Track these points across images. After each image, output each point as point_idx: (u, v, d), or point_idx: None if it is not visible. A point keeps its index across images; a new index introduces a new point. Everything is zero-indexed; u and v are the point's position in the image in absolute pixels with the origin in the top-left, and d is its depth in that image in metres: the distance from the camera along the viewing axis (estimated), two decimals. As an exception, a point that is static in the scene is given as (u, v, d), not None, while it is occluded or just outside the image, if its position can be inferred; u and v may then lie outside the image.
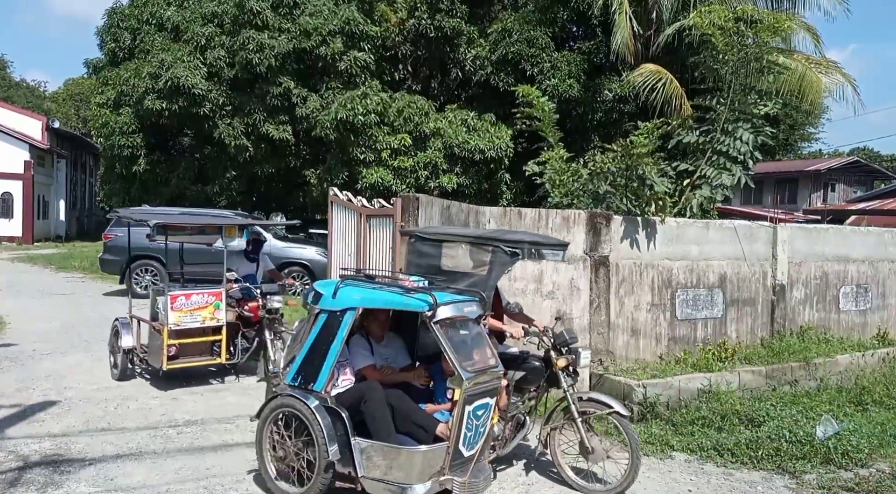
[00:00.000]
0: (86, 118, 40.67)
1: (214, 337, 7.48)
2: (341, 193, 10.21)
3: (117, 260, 14.24)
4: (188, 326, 7.16)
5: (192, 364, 7.42)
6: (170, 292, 7.10)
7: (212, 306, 7.24)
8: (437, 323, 4.26)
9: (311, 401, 4.38)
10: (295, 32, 17.18)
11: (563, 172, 9.64)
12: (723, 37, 9.39)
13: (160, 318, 7.30)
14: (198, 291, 7.26)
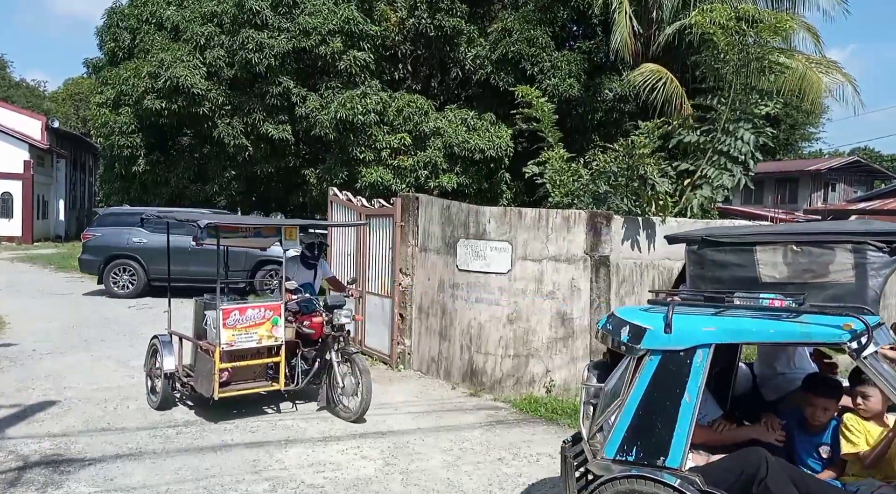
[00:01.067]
0: (85, 118, 40.66)
1: (271, 359, 6.46)
2: (341, 192, 10.21)
3: (96, 260, 14.24)
4: (243, 346, 6.14)
5: (246, 391, 6.43)
6: (222, 306, 6.05)
7: (269, 323, 6.19)
8: (868, 357, 2.97)
9: (672, 481, 3.09)
10: (294, 32, 17.17)
11: (564, 172, 9.63)
12: (724, 36, 9.38)
13: (209, 336, 6.32)
14: (253, 304, 6.32)
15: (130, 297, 13.88)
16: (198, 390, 6.36)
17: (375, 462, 5.41)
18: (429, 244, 8.31)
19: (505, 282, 7.48)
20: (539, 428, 6.39)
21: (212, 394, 6.08)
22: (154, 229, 14.24)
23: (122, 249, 14.08)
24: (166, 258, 14.04)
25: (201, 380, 6.32)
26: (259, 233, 6.60)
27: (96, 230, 14.77)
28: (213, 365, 6.01)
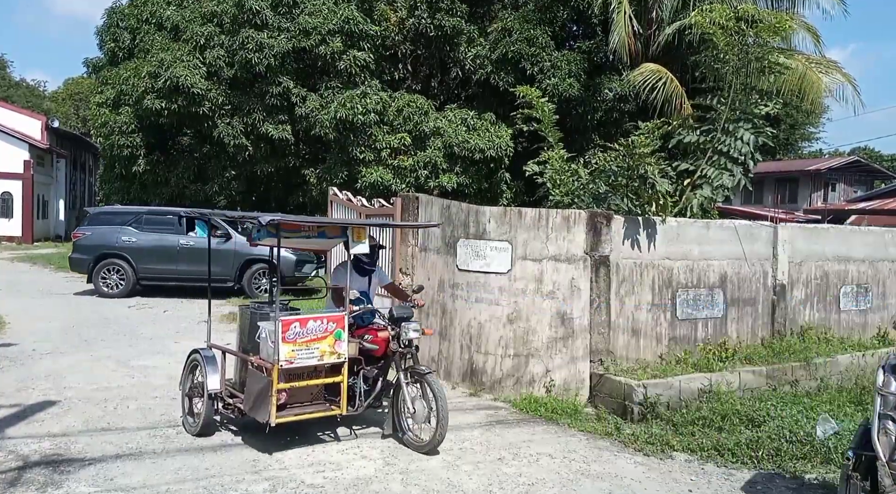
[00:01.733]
0: (85, 118, 40.68)
1: (332, 378, 5.67)
2: (341, 192, 10.22)
3: (85, 259, 14.23)
4: (303, 363, 5.37)
5: (304, 417, 5.60)
6: (281, 318, 5.27)
7: (332, 337, 5.44)
8: None
9: None
10: (294, 32, 17.18)
11: (564, 171, 9.62)
12: (724, 36, 9.38)
13: (263, 351, 5.53)
14: (315, 315, 5.51)
15: (119, 296, 13.86)
16: (249, 413, 5.55)
17: (375, 461, 5.41)
18: (429, 244, 8.31)
19: (505, 282, 7.48)
20: (539, 428, 6.39)
21: (268, 419, 5.28)
22: (144, 228, 14.25)
23: (112, 248, 14.07)
24: (156, 258, 14.20)
25: (254, 402, 5.47)
26: (323, 233, 5.81)
27: (86, 230, 14.78)
28: (270, 386, 5.23)
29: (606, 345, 7.74)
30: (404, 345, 5.72)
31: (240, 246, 13.88)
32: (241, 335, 6.09)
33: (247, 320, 5.96)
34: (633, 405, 6.83)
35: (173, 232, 14.19)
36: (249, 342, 5.84)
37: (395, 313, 5.83)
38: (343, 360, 5.54)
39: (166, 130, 19.47)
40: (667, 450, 5.97)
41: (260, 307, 6.01)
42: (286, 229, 5.52)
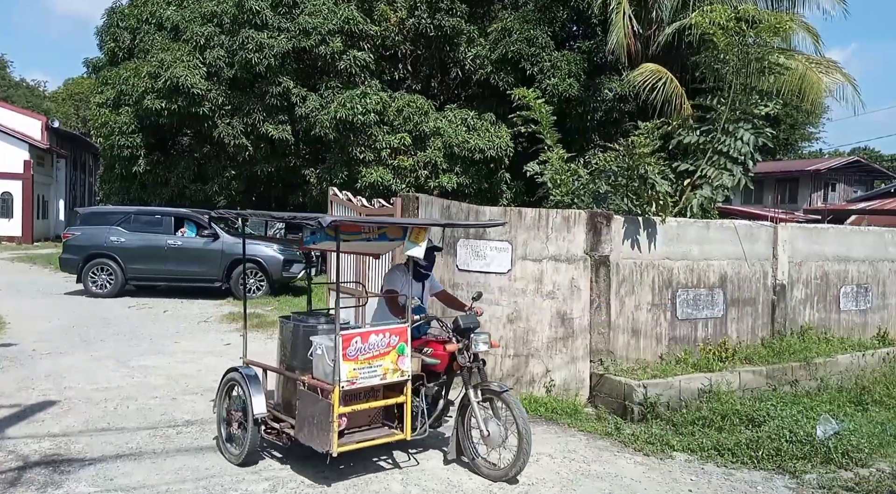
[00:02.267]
0: (85, 118, 40.68)
1: (394, 399, 5.03)
2: (341, 192, 10.20)
3: (75, 259, 14.25)
4: (365, 383, 4.76)
5: (368, 443, 5.00)
6: (342, 332, 4.64)
7: (395, 352, 4.85)
8: None
9: None
10: (294, 32, 17.19)
11: (564, 171, 9.63)
12: (724, 36, 9.38)
13: (318, 370, 4.91)
14: (376, 328, 4.88)
15: (108, 296, 13.87)
16: (303, 440, 4.89)
17: (375, 462, 5.41)
18: (429, 244, 8.30)
19: (505, 282, 7.48)
20: (539, 428, 6.39)
21: (328, 449, 4.63)
22: (133, 228, 14.25)
23: (101, 248, 14.08)
24: (144, 258, 14.20)
25: (309, 428, 4.82)
26: (384, 235, 5.15)
27: (76, 230, 14.81)
28: (330, 410, 4.60)
29: (606, 345, 7.74)
30: (472, 359, 5.18)
31: (227, 246, 13.89)
32: (283, 350, 5.41)
33: (292, 333, 5.29)
34: (633, 405, 6.84)
35: (161, 232, 14.23)
36: (295, 359, 5.20)
37: (462, 322, 5.25)
38: (406, 378, 4.94)
39: (166, 131, 19.47)
40: (667, 450, 5.97)
41: (304, 319, 5.37)
42: (345, 231, 4.93)
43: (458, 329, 5.24)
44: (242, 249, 6.60)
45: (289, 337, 5.34)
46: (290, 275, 14.38)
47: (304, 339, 5.14)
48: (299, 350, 5.16)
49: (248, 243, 13.89)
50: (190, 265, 13.96)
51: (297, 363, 5.18)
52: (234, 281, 13.91)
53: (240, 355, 5.81)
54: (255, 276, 14.04)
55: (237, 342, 9.84)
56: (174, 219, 14.53)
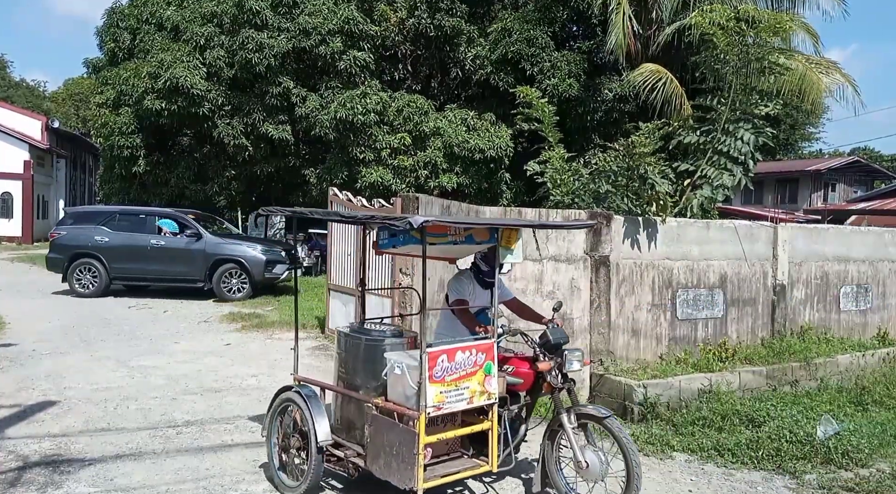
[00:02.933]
0: (85, 118, 40.71)
1: (479, 425, 4.41)
2: (341, 192, 10.21)
3: (61, 258, 14.23)
4: (452, 408, 4.17)
5: (454, 477, 4.40)
6: (428, 349, 4.02)
7: (481, 372, 4.27)
8: None
9: None
10: (294, 32, 17.19)
11: (564, 171, 9.63)
12: (724, 36, 9.39)
13: (395, 393, 4.28)
14: (462, 344, 4.23)
15: (93, 296, 13.85)
16: (378, 474, 4.27)
17: (375, 462, 5.40)
18: (429, 244, 8.30)
19: (505, 282, 7.48)
20: (539, 429, 6.38)
21: (413, 486, 4.03)
22: (117, 227, 14.22)
23: (85, 248, 14.04)
24: (127, 257, 14.14)
25: (387, 461, 4.22)
26: (470, 237, 4.51)
27: (62, 229, 14.80)
28: (416, 440, 3.98)
29: (606, 345, 7.74)
30: (564, 380, 4.61)
31: (209, 246, 13.80)
32: (343, 366, 4.72)
33: (354, 348, 4.64)
34: (633, 406, 6.83)
35: (145, 231, 14.19)
36: (358, 377, 4.56)
37: (553, 337, 4.60)
38: (493, 401, 4.35)
39: (166, 131, 19.48)
40: (667, 450, 5.97)
41: (366, 331, 4.74)
42: (431, 232, 4.29)
43: (546, 345, 4.61)
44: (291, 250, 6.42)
45: (350, 352, 4.66)
46: (272, 276, 14.17)
47: (369, 354, 4.52)
48: (364, 367, 4.54)
49: (231, 243, 14.06)
50: (172, 265, 13.88)
51: (360, 382, 4.55)
52: (216, 281, 13.76)
53: (239, 355, 5.80)
54: (237, 277, 13.88)
55: (237, 343, 9.85)
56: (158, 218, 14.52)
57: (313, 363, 8.76)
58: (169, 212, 14.89)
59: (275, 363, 8.67)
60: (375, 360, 4.46)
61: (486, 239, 4.57)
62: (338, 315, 10.15)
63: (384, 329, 4.81)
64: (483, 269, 4.98)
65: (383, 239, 4.69)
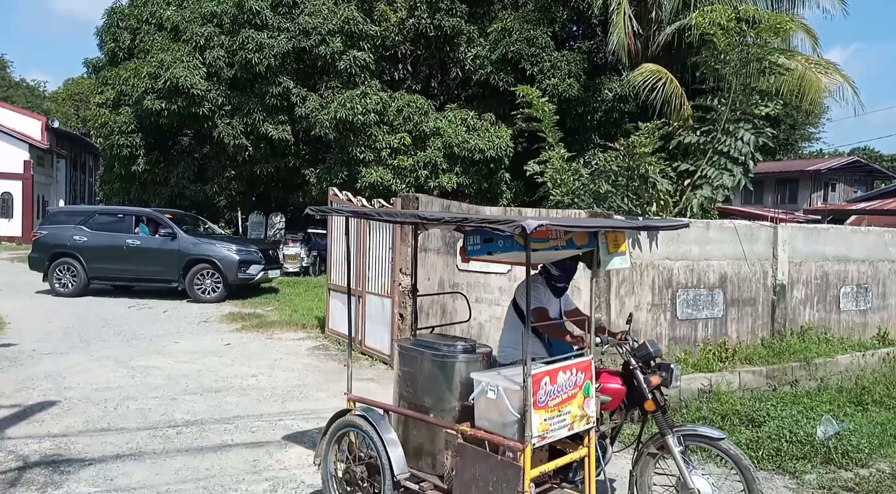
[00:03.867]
0: (85, 118, 40.72)
1: (577, 453, 3.94)
2: (341, 192, 10.21)
3: (42, 257, 14.26)
4: (555, 437, 3.69)
5: None
6: (533, 372, 3.49)
7: (581, 394, 3.81)
8: None
9: None
10: (294, 32, 17.19)
11: (564, 171, 9.64)
12: (724, 36, 9.39)
13: (486, 420, 3.72)
14: (563, 364, 3.74)
15: (72, 296, 13.88)
16: None
17: (375, 462, 5.41)
18: (429, 244, 8.31)
19: (505, 282, 7.48)
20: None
21: None
22: (95, 227, 14.22)
23: (64, 247, 14.05)
24: (105, 257, 14.09)
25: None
26: (571, 241, 4.03)
27: (44, 229, 14.82)
28: (521, 476, 3.46)
29: (606, 345, 7.74)
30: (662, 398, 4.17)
31: (184, 245, 13.73)
32: (409, 385, 4.17)
33: (421, 364, 4.09)
34: (633, 406, 6.82)
35: (122, 231, 14.18)
36: (429, 398, 4.04)
37: (653, 350, 4.23)
38: (592, 425, 3.91)
39: (166, 131, 19.48)
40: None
41: (433, 345, 4.12)
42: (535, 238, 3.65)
43: (645, 358, 4.22)
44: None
45: (416, 369, 4.11)
46: (246, 277, 13.92)
47: (441, 372, 4.02)
48: (434, 387, 4.03)
49: (204, 242, 13.99)
50: (148, 265, 13.85)
51: (431, 403, 4.02)
52: (189, 281, 13.66)
53: (239, 355, 5.79)
54: (210, 277, 13.75)
55: (237, 343, 9.85)
56: (135, 218, 14.52)
57: (313, 363, 8.77)
58: (145, 212, 14.90)
59: (275, 363, 8.67)
60: (449, 379, 3.98)
61: (585, 243, 4.09)
62: (338, 315, 10.17)
63: (454, 343, 4.14)
64: (554, 274, 4.57)
65: (474, 245, 4.16)
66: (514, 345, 4.45)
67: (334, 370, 8.50)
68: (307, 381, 7.86)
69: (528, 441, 3.46)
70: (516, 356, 4.29)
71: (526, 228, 3.29)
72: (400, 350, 4.28)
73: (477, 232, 4.10)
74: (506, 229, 3.44)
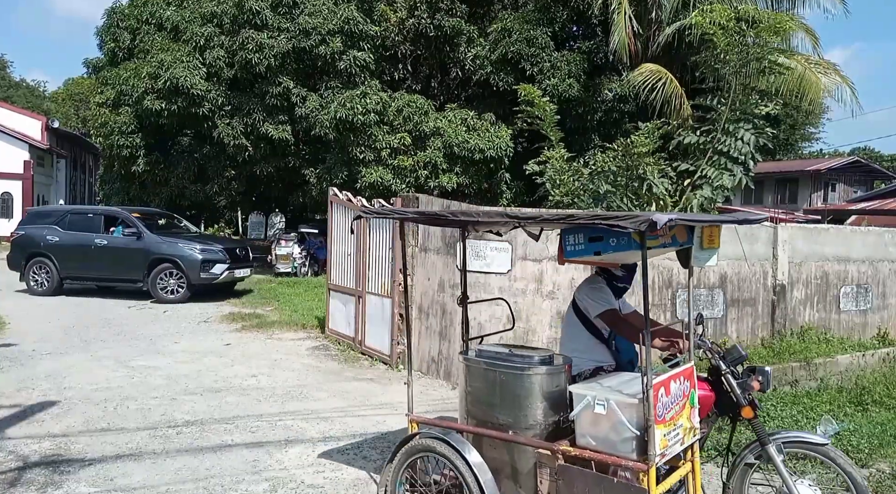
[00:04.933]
0: (85, 118, 40.68)
1: (685, 469, 3.75)
2: (341, 192, 10.21)
3: (18, 257, 14.39)
4: (672, 453, 3.44)
5: None
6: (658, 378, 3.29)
7: (688, 404, 3.57)
8: None
9: None
10: (294, 32, 17.18)
11: (564, 171, 9.64)
12: (724, 36, 9.39)
13: (597, 439, 3.41)
14: (674, 371, 3.48)
15: (46, 295, 13.96)
16: None
17: (375, 462, 5.41)
18: (429, 244, 8.31)
19: (505, 282, 7.49)
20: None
21: None
22: (67, 227, 14.28)
23: (38, 247, 14.14)
24: (75, 257, 14.15)
25: None
26: (674, 238, 3.67)
27: (21, 229, 14.90)
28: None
29: (606, 345, 7.74)
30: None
31: (149, 245, 13.68)
32: (481, 401, 3.85)
33: (495, 379, 3.76)
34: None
35: (91, 231, 14.21)
36: (507, 415, 3.71)
37: (743, 352, 4.08)
38: (698, 437, 3.70)
39: (166, 131, 19.47)
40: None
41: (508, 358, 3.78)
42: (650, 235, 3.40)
43: (734, 363, 4.06)
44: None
45: (489, 384, 3.79)
46: (209, 276, 13.73)
47: (525, 387, 3.69)
48: (516, 403, 3.70)
49: (168, 241, 13.91)
50: (115, 264, 13.87)
51: (511, 421, 3.69)
52: (152, 281, 13.55)
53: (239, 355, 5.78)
54: (174, 277, 13.61)
55: (237, 343, 9.85)
56: (104, 217, 14.56)
57: (313, 363, 8.77)
58: (114, 211, 14.97)
59: (275, 363, 8.67)
60: (530, 393, 3.67)
61: (685, 240, 3.75)
62: (338, 315, 10.16)
63: (530, 354, 3.82)
64: (619, 274, 4.29)
65: (576, 245, 3.76)
66: (581, 353, 4.13)
67: (334, 370, 8.51)
68: (307, 381, 7.87)
69: (653, 460, 3.18)
70: (583, 366, 4.11)
71: (657, 222, 3.00)
72: (468, 365, 3.95)
73: (579, 230, 3.71)
74: (628, 224, 3.12)
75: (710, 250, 3.72)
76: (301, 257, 18.90)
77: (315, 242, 19.58)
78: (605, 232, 3.53)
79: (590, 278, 4.53)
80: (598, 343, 4.16)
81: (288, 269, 18.63)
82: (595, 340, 4.21)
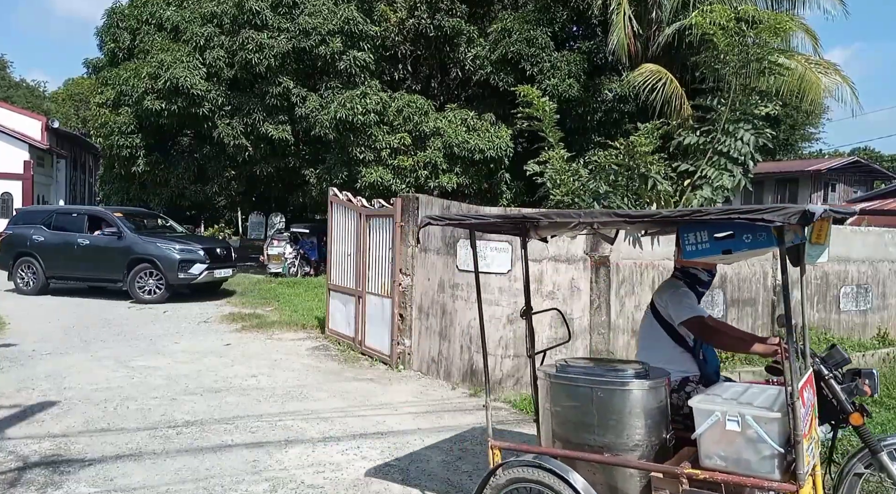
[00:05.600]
0: (85, 118, 40.67)
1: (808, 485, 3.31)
2: (341, 192, 10.22)
3: (6, 257, 14.47)
4: (807, 470, 3.19)
5: None
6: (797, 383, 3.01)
7: (812, 415, 3.37)
8: None
9: None
10: (294, 32, 17.18)
11: (564, 171, 9.64)
12: (724, 37, 9.39)
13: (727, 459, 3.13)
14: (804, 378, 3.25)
15: (32, 294, 14.04)
16: None
17: (375, 462, 5.41)
18: (429, 244, 8.31)
19: (505, 282, 7.49)
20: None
21: None
22: (53, 226, 14.36)
23: (25, 247, 14.23)
24: (59, 257, 14.26)
25: None
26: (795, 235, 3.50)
27: (10, 229, 14.97)
28: None
29: (606, 345, 7.75)
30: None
31: (129, 244, 13.68)
32: (571, 421, 3.54)
33: (593, 396, 3.44)
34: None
35: (75, 230, 14.26)
36: (613, 436, 3.40)
37: (845, 355, 3.77)
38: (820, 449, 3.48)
39: (166, 131, 19.46)
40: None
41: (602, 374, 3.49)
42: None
43: (836, 367, 3.75)
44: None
45: (586, 402, 3.46)
46: (187, 276, 13.64)
47: (626, 404, 3.38)
48: (616, 422, 3.39)
49: (147, 241, 13.90)
50: (97, 264, 13.91)
51: (608, 440, 3.40)
52: (131, 281, 13.55)
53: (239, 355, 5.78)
54: (153, 277, 13.59)
55: (237, 343, 9.85)
56: (87, 217, 14.58)
57: (313, 364, 8.77)
58: (95, 210, 15.00)
59: (275, 363, 8.67)
60: (632, 411, 3.37)
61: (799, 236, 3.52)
62: (338, 315, 10.17)
63: (623, 367, 3.54)
64: (703, 278, 4.09)
65: (699, 243, 3.35)
66: (665, 364, 3.78)
67: (334, 370, 8.51)
68: (307, 381, 7.87)
69: (803, 479, 2.88)
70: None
71: (814, 213, 2.69)
72: (553, 382, 3.60)
73: (702, 227, 3.30)
74: (776, 217, 2.78)
75: (819, 246, 3.52)
76: (292, 257, 18.90)
77: (307, 242, 19.57)
78: (738, 228, 3.22)
79: (670, 282, 4.20)
80: (684, 352, 3.91)
81: (279, 269, 18.63)
82: (680, 349, 3.94)
